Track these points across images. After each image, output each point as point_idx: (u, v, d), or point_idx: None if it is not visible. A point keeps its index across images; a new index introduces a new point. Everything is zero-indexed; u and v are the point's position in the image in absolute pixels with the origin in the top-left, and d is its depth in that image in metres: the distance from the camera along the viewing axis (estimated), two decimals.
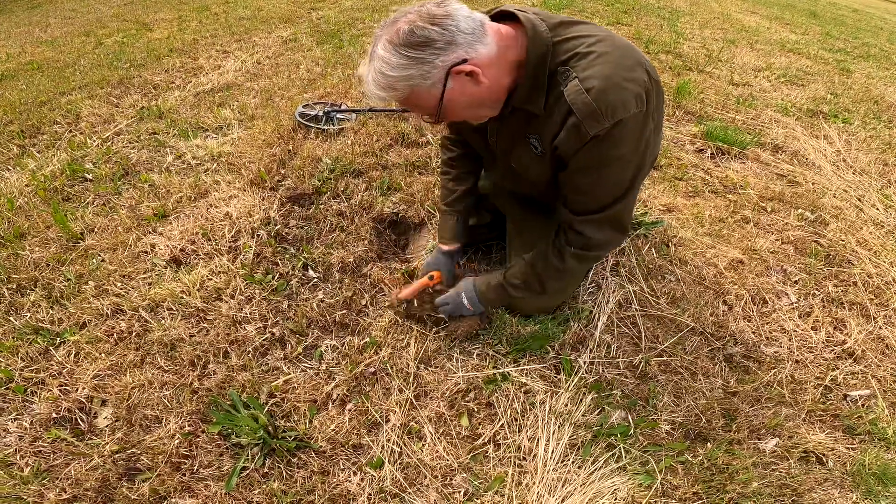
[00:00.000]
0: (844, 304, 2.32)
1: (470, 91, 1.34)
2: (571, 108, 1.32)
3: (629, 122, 1.33)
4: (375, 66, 1.29)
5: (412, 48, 1.25)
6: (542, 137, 1.49)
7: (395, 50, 1.25)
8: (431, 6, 1.27)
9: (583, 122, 1.31)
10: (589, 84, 1.29)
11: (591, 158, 1.41)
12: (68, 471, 1.55)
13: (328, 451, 1.64)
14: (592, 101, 1.28)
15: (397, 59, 1.26)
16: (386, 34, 1.27)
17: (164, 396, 1.73)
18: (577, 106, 1.31)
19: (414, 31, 1.23)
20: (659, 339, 2.06)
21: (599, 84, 1.28)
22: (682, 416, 1.81)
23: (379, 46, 1.28)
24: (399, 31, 1.24)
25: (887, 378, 2.03)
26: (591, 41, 1.33)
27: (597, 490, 1.57)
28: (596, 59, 1.30)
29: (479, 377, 1.85)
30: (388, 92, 1.33)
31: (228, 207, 2.48)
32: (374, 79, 1.31)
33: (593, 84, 1.28)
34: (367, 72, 1.34)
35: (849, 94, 4.64)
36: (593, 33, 1.35)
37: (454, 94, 1.33)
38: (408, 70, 1.27)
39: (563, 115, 1.37)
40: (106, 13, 6.50)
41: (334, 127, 3.17)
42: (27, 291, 2.10)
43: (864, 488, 1.66)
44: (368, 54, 1.34)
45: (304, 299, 2.09)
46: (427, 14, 1.25)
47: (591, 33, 1.36)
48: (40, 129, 3.31)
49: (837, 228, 2.75)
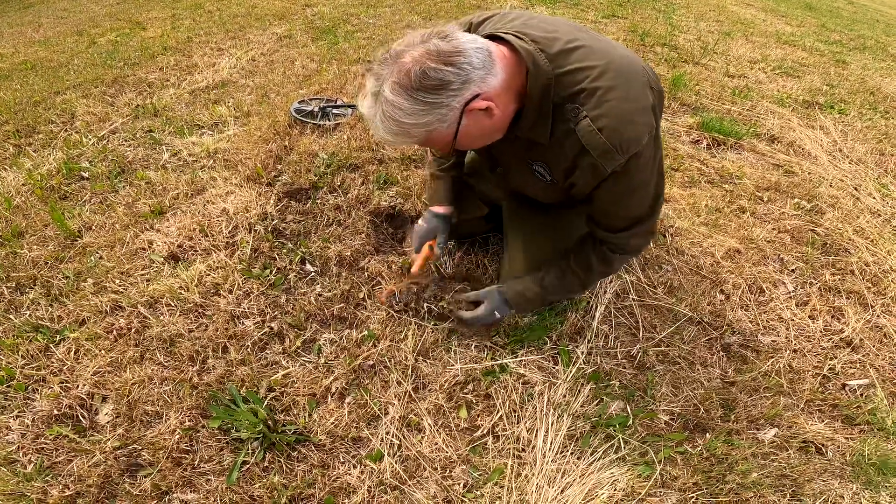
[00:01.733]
0: (842, 293, 2.33)
1: (483, 124, 1.32)
2: (586, 148, 1.33)
3: (644, 151, 1.36)
4: (385, 111, 1.23)
5: (427, 92, 1.20)
6: (551, 167, 1.52)
7: (409, 95, 1.20)
8: (438, 41, 1.21)
9: (598, 160, 1.34)
10: (601, 124, 1.30)
11: (615, 190, 1.45)
12: (70, 467, 1.55)
13: (328, 444, 1.64)
14: (606, 140, 1.30)
15: (412, 105, 1.21)
16: (392, 75, 1.20)
17: (163, 392, 1.73)
18: (592, 146, 1.32)
19: (427, 73, 1.18)
20: (656, 328, 2.07)
21: (611, 123, 1.29)
22: (681, 406, 1.82)
23: (387, 89, 1.21)
24: (410, 74, 1.18)
25: (885, 367, 2.04)
26: (595, 73, 1.31)
27: (596, 481, 1.58)
28: (604, 94, 1.29)
29: (477, 369, 1.86)
30: (402, 137, 1.29)
31: (225, 203, 2.48)
32: (385, 126, 1.26)
33: (605, 123, 1.29)
34: (373, 114, 1.27)
35: (844, 86, 4.64)
36: (594, 63, 1.32)
37: (468, 130, 1.31)
38: (425, 116, 1.23)
39: (575, 153, 1.38)
40: (98, 12, 6.48)
41: (330, 122, 3.17)
42: (26, 289, 2.10)
43: (864, 479, 1.67)
44: (369, 91, 1.26)
45: (302, 293, 2.09)
46: (437, 52, 1.19)
47: (592, 63, 1.32)
48: (35, 129, 3.30)
49: (834, 217, 2.76)
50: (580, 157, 1.37)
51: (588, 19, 5.66)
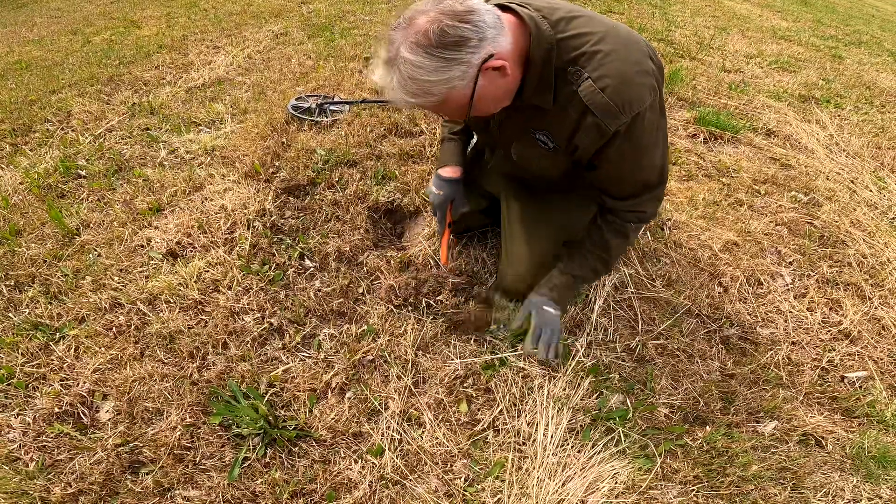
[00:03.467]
0: (839, 285, 2.33)
1: (497, 84, 1.33)
2: (588, 108, 1.36)
3: (647, 112, 1.39)
4: (405, 71, 1.23)
5: (448, 49, 1.20)
6: (554, 134, 1.52)
7: (428, 53, 1.20)
8: (451, 2, 1.22)
9: (602, 120, 1.36)
10: (603, 83, 1.32)
11: (621, 152, 1.47)
12: (72, 465, 1.55)
13: (328, 439, 1.65)
14: (609, 99, 1.32)
15: (433, 62, 1.21)
16: (408, 36, 1.21)
17: (164, 389, 1.73)
18: (595, 105, 1.34)
19: (445, 30, 1.18)
20: (655, 321, 2.07)
21: (613, 82, 1.32)
22: (681, 399, 1.83)
23: (404, 50, 1.21)
24: (428, 32, 1.19)
25: (884, 359, 2.05)
26: (595, 38, 1.34)
27: (597, 474, 1.58)
28: (604, 57, 1.32)
29: (477, 363, 1.86)
30: (422, 98, 1.28)
31: (223, 200, 2.48)
32: (404, 85, 1.25)
33: (607, 83, 1.32)
34: (389, 80, 1.27)
35: (840, 80, 4.64)
36: (594, 29, 1.36)
37: (484, 91, 1.31)
38: (447, 72, 1.23)
39: (578, 114, 1.40)
40: (93, 11, 6.45)
41: (327, 119, 3.17)
42: (25, 288, 2.10)
43: (865, 472, 1.67)
44: (383, 59, 1.27)
45: (301, 289, 2.09)
46: (451, 11, 1.20)
47: (592, 29, 1.36)
48: (32, 128, 3.29)
49: (831, 210, 2.77)
50: (583, 118, 1.39)
51: None
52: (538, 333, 1.74)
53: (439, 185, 1.99)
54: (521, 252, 1.95)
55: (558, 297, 1.80)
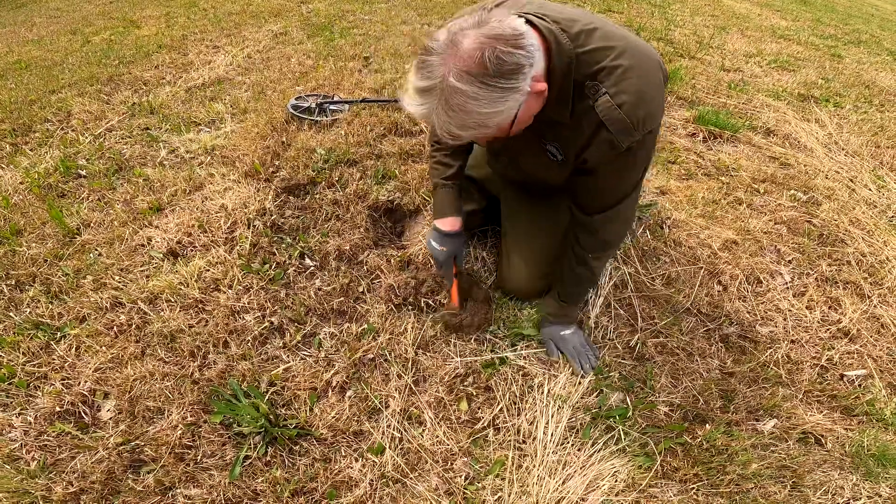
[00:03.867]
0: (839, 284, 2.34)
1: (532, 106, 1.29)
2: (604, 124, 1.34)
3: (656, 130, 1.40)
4: (455, 102, 1.13)
5: (505, 77, 1.13)
6: (564, 146, 1.51)
7: (482, 82, 1.11)
8: (495, 24, 1.14)
9: (616, 136, 1.34)
10: (620, 99, 1.31)
11: (617, 165, 1.47)
12: (74, 464, 1.56)
13: (329, 438, 1.65)
14: (625, 116, 1.31)
15: (489, 93, 1.13)
16: (456, 63, 1.11)
17: (165, 387, 1.74)
18: (611, 122, 1.33)
19: (502, 57, 1.11)
20: (655, 320, 2.07)
21: (631, 99, 1.30)
22: (680, 397, 1.83)
23: (453, 78, 1.11)
24: (483, 61, 1.10)
25: (883, 357, 2.05)
26: (615, 53, 1.32)
27: (597, 472, 1.59)
28: (623, 73, 1.30)
29: (477, 361, 1.87)
30: (475, 131, 1.20)
31: (224, 199, 2.48)
32: (455, 119, 1.16)
33: (625, 99, 1.30)
34: (429, 110, 1.18)
35: (840, 79, 4.64)
36: (614, 43, 1.33)
37: (522, 113, 1.25)
38: (504, 103, 1.16)
39: (592, 129, 1.38)
40: (92, 11, 6.44)
41: (327, 118, 3.17)
42: (26, 287, 2.10)
43: (864, 470, 1.68)
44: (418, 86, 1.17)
45: (302, 288, 2.10)
46: (501, 36, 1.12)
47: (611, 43, 1.33)
48: (32, 128, 3.29)
49: (830, 208, 2.77)
50: (597, 133, 1.38)
51: None
52: (574, 358, 1.89)
53: (441, 241, 1.89)
54: (522, 255, 1.97)
55: (565, 316, 1.93)
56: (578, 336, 1.92)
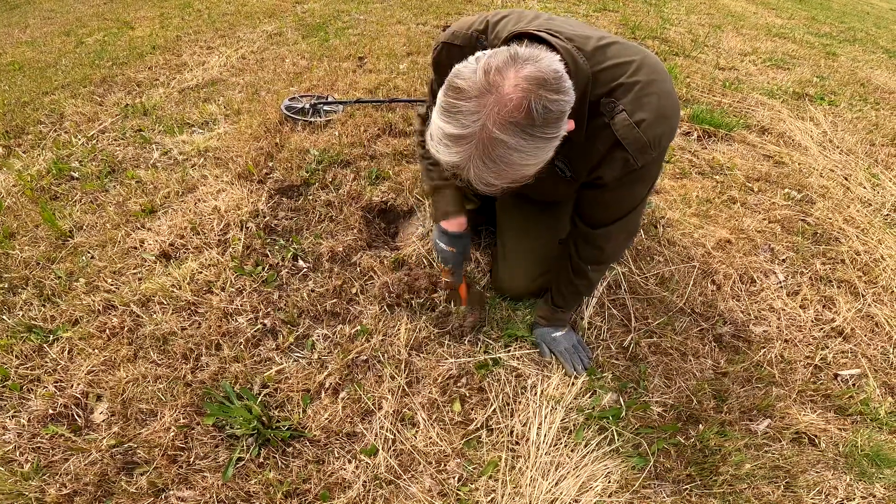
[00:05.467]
0: (833, 282, 2.34)
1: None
2: (620, 142, 1.30)
3: (668, 146, 1.39)
4: (498, 155, 1.05)
5: (549, 126, 1.06)
6: (574, 163, 1.47)
7: (529, 133, 1.04)
8: (536, 65, 1.06)
9: (632, 155, 1.31)
10: (639, 117, 1.28)
11: (629, 181, 1.43)
12: (67, 466, 1.56)
13: (322, 439, 1.65)
14: (643, 134, 1.28)
15: (533, 143, 1.05)
16: (498, 111, 1.02)
17: (158, 390, 1.74)
18: (628, 141, 1.29)
19: (549, 108, 1.04)
20: (648, 319, 2.07)
21: (650, 118, 1.28)
22: (674, 397, 1.83)
23: (496, 129, 1.02)
24: (530, 111, 1.02)
25: (877, 357, 2.05)
26: (632, 69, 1.29)
27: (590, 473, 1.59)
28: (642, 89, 1.28)
29: (470, 362, 1.87)
30: (514, 182, 1.12)
31: (216, 201, 2.47)
32: (496, 172, 1.08)
33: (643, 117, 1.27)
34: (466, 159, 1.07)
35: (835, 77, 4.65)
36: (630, 59, 1.30)
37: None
38: (546, 153, 1.10)
39: (607, 147, 1.35)
40: (86, 12, 6.43)
41: (321, 119, 3.16)
42: (19, 290, 2.10)
43: (858, 470, 1.68)
44: (451, 133, 1.06)
45: (295, 289, 2.10)
46: (544, 81, 1.04)
47: (627, 59, 1.30)
48: (24, 130, 3.28)
49: (824, 207, 2.77)
50: (612, 151, 1.34)
51: (579, 13, 5.65)
52: (566, 360, 1.89)
53: (450, 242, 1.84)
54: (518, 256, 1.98)
55: (557, 320, 1.92)
56: (570, 337, 1.92)
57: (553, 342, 1.90)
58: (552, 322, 1.92)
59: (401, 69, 3.88)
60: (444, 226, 1.83)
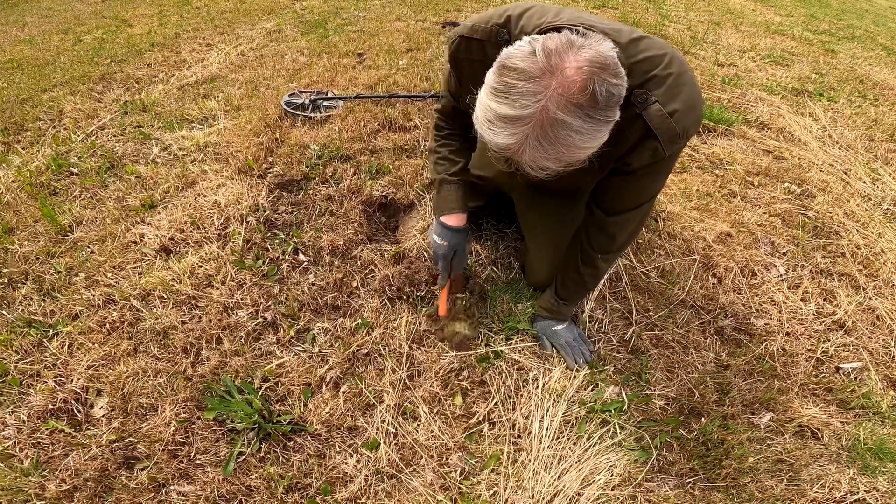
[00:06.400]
0: (833, 276, 2.34)
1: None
2: (653, 132, 1.31)
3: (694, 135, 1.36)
4: (557, 136, 1.04)
5: (611, 110, 1.07)
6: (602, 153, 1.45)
7: (591, 115, 1.03)
8: (598, 50, 1.05)
9: (664, 144, 1.32)
10: (672, 108, 1.28)
11: (653, 171, 1.45)
12: (67, 461, 1.55)
13: (323, 433, 1.65)
14: (675, 124, 1.29)
15: (593, 126, 1.05)
16: (559, 92, 1.01)
17: (158, 384, 1.73)
18: (661, 130, 1.30)
19: (612, 91, 1.04)
20: (650, 312, 2.07)
21: (682, 108, 1.29)
22: (676, 390, 1.83)
23: (559, 110, 1.01)
24: (594, 93, 1.02)
25: (879, 350, 2.05)
26: (665, 61, 1.30)
27: (593, 466, 1.59)
28: (675, 80, 1.29)
29: (471, 355, 1.86)
30: (568, 166, 1.12)
31: (216, 196, 2.47)
32: (552, 153, 1.07)
33: (676, 108, 1.28)
34: (521, 139, 1.06)
35: (834, 74, 4.64)
36: (660, 52, 1.31)
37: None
38: (600, 137, 1.09)
39: (638, 136, 1.35)
40: (84, 10, 6.40)
41: (321, 114, 3.16)
42: (18, 285, 2.09)
43: (861, 464, 1.67)
44: (507, 114, 1.05)
45: (295, 283, 2.09)
46: (606, 64, 1.04)
47: (659, 52, 1.31)
48: (24, 126, 3.28)
49: (824, 201, 2.77)
50: (644, 140, 1.35)
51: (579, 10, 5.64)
52: (568, 353, 1.88)
53: (443, 235, 1.82)
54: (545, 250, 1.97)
55: (559, 313, 1.91)
56: (571, 330, 1.91)
57: (554, 335, 1.90)
58: (553, 315, 1.91)
59: (400, 65, 3.87)
60: (443, 220, 1.83)
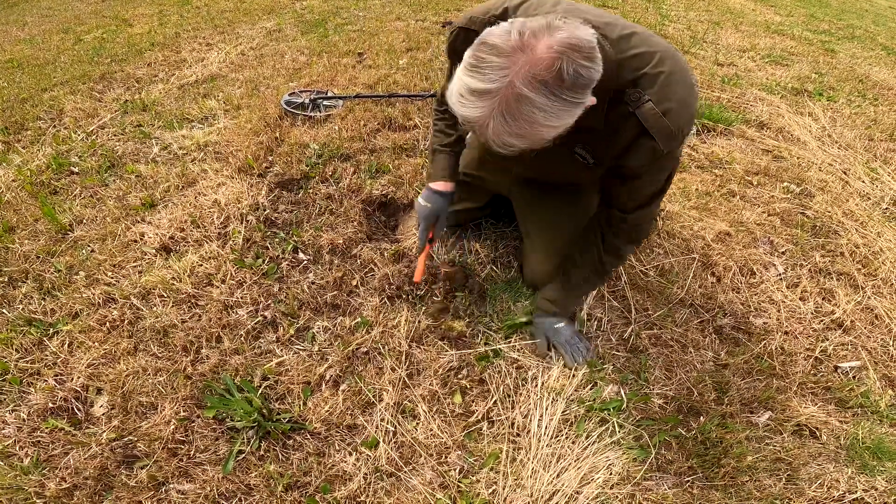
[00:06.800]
0: (832, 275, 2.34)
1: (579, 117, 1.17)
2: (647, 131, 1.32)
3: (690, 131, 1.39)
4: (521, 111, 1.04)
5: (577, 91, 1.06)
6: (597, 150, 1.50)
7: (556, 94, 1.04)
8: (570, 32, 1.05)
9: (660, 143, 1.34)
10: (665, 107, 1.29)
11: (656, 168, 1.47)
12: (67, 460, 1.56)
13: (323, 432, 1.65)
14: (669, 122, 1.30)
15: (558, 105, 1.05)
16: (527, 68, 1.02)
17: (158, 383, 1.74)
18: (655, 129, 1.31)
19: (581, 72, 1.04)
20: (649, 311, 2.07)
21: (676, 107, 1.30)
22: (674, 389, 1.83)
23: (523, 86, 1.02)
24: (561, 71, 1.02)
25: (877, 349, 2.05)
26: (656, 59, 1.30)
27: (591, 465, 1.59)
28: (667, 79, 1.29)
29: (470, 354, 1.87)
30: (531, 142, 1.12)
31: (217, 195, 2.47)
32: (514, 128, 1.07)
33: (670, 107, 1.30)
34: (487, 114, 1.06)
35: (833, 74, 4.65)
36: (653, 49, 1.31)
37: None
38: (568, 117, 1.09)
39: (633, 135, 1.37)
40: (84, 10, 6.40)
41: (321, 114, 3.16)
42: (19, 284, 2.10)
43: (860, 463, 1.68)
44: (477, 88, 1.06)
45: (295, 281, 2.10)
46: (578, 48, 1.04)
47: (651, 49, 1.31)
48: (24, 126, 3.28)
49: (823, 200, 2.78)
50: (639, 139, 1.36)
51: None
52: (567, 351, 1.88)
53: (428, 198, 1.87)
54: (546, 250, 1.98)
55: (561, 309, 1.90)
56: (570, 329, 1.91)
57: (555, 333, 1.89)
58: (559, 307, 1.90)
59: (400, 65, 3.88)
60: (431, 185, 1.88)
